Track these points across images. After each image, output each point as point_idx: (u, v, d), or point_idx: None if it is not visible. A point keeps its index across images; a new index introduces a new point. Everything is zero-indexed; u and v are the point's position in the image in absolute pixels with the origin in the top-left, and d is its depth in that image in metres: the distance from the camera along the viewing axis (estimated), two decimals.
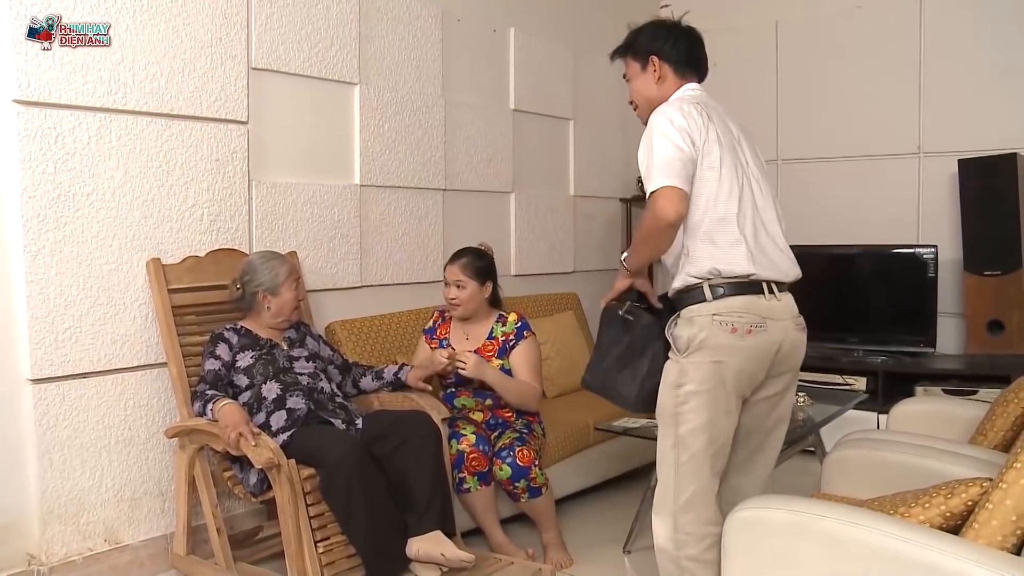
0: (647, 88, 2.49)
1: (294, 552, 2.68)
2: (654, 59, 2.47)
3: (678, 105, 2.34)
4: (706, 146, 2.30)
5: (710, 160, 2.30)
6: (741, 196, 2.33)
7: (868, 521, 2.10)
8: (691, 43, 2.51)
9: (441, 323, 3.54)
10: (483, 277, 3.43)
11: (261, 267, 3.12)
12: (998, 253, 4.20)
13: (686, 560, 2.33)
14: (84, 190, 2.95)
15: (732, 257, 2.30)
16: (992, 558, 1.93)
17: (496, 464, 3.22)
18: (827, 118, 5.12)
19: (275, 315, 3.11)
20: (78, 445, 2.98)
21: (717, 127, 2.35)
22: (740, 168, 2.37)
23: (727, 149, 2.35)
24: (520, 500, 3.26)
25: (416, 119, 4.08)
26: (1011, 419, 2.84)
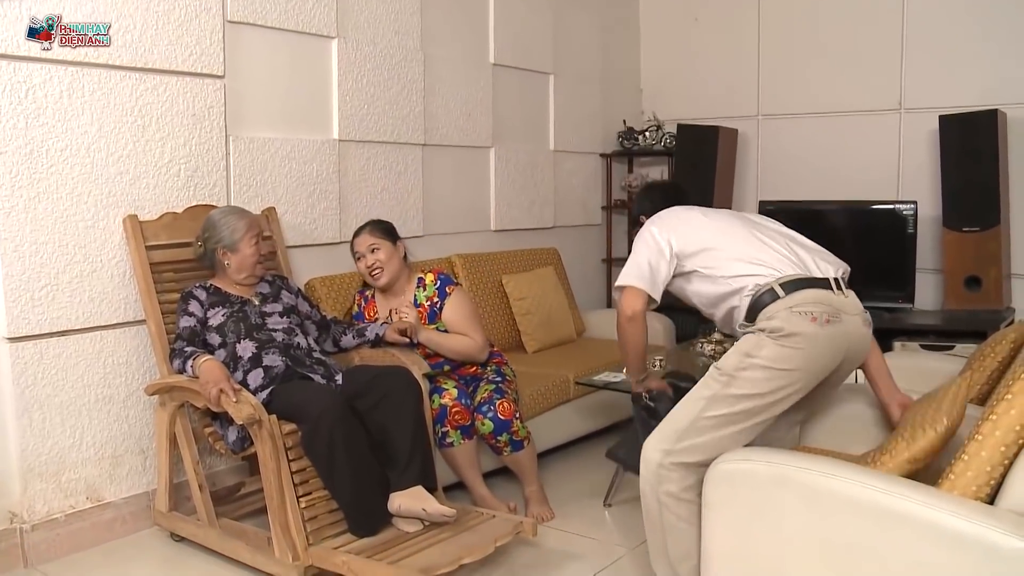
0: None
1: (276, 507, 2.68)
2: (642, 219, 2.84)
3: (658, 217, 2.70)
4: (693, 227, 2.63)
5: (708, 230, 2.61)
6: (759, 233, 2.59)
7: (847, 473, 2.12)
8: (657, 195, 2.96)
9: (365, 304, 3.48)
10: (393, 236, 3.41)
11: (220, 223, 3.07)
12: (977, 209, 4.21)
13: (664, 495, 2.37)
14: (57, 145, 2.90)
15: (772, 269, 2.48)
16: (967, 508, 1.97)
17: (477, 419, 3.23)
18: (808, 74, 5.09)
19: (236, 271, 3.06)
20: (57, 404, 2.96)
21: (702, 212, 2.71)
22: (746, 219, 2.70)
23: (724, 214, 2.73)
24: (503, 454, 3.28)
25: (395, 73, 4.02)
26: (987, 373, 2.87)
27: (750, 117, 5.30)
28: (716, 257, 2.54)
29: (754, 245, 2.54)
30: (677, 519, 2.37)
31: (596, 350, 4.35)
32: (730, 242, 2.56)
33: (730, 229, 2.61)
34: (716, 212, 2.75)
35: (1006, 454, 2.00)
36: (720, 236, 2.59)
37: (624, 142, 5.51)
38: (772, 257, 2.49)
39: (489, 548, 2.66)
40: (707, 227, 2.62)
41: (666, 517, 2.38)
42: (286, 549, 2.66)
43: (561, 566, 2.89)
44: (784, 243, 2.58)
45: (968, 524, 1.93)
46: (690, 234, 2.59)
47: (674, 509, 2.36)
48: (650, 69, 5.75)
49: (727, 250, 2.54)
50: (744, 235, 2.58)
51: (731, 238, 2.57)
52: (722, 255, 2.54)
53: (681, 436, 2.37)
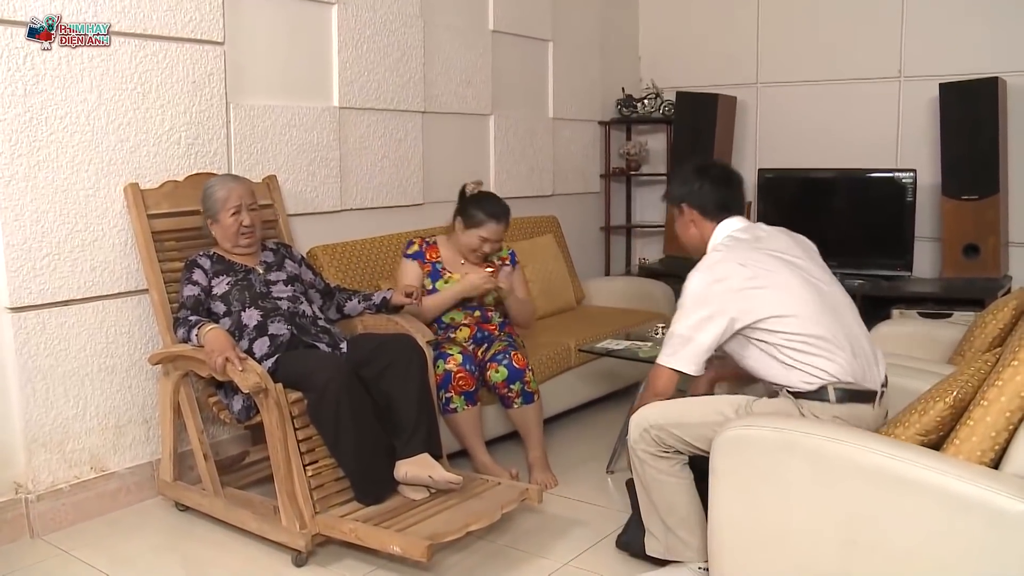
0: (685, 230, 2.63)
1: (283, 476, 2.69)
2: (684, 206, 2.58)
3: (713, 267, 2.41)
4: (760, 290, 2.36)
5: (775, 296, 2.36)
6: (818, 300, 2.39)
7: (853, 438, 2.14)
8: (714, 184, 2.56)
9: (427, 247, 3.51)
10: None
11: (206, 192, 3.05)
12: (977, 178, 4.21)
13: (643, 453, 2.46)
14: (57, 113, 2.87)
15: (836, 365, 2.35)
16: (973, 472, 1.99)
17: (491, 367, 3.27)
18: (807, 42, 5.06)
19: (221, 240, 3.05)
20: (60, 374, 2.95)
21: (766, 263, 2.40)
22: (812, 281, 2.43)
23: (786, 264, 2.42)
24: (513, 406, 3.30)
25: (394, 40, 3.98)
26: (989, 339, 2.89)
27: (749, 85, 5.28)
28: (780, 336, 2.35)
29: (823, 325, 2.35)
30: (657, 472, 2.45)
31: (596, 318, 4.36)
32: (799, 323, 2.33)
33: (800, 297, 2.36)
34: (777, 259, 2.42)
35: (1011, 420, 2.03)
36: (789, 305, 2.35)
37: (623, 110, 5.48)
38: (836, 354, 2.34)
39: (496, 515, 2.68)
40: (773, 289, 2.36)
41: (648, 472, 2.47)
42: (293, 517, 2.67)
43: (566, 532, 2.92)
44: (848, 327, 2.41)
45: (974, 488, 1.95)
46: (756, 303, 2.35)
47: (653, 464, 2.45)
48: (648, 37, 5.70)
49: (794, 331, 2.33)
50: (814, 309, 2.36)
51: (802, 315, 2.34)
52: (786, 336, 2.34)
53: (679, 426, 2.41)
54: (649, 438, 2.43)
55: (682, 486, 2.46)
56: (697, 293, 2.40)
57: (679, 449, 2.43)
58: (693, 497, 2.47)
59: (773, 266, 2.40)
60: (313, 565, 2.69)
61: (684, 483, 2.46)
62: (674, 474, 2.45)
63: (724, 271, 2.39)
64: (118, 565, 2.72)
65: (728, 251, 2.45)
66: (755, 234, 2.52)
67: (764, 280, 2.36)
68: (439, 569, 2.67)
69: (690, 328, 2.38)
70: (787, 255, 2.45)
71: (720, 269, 2.39)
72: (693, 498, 2.47)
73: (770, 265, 2.39)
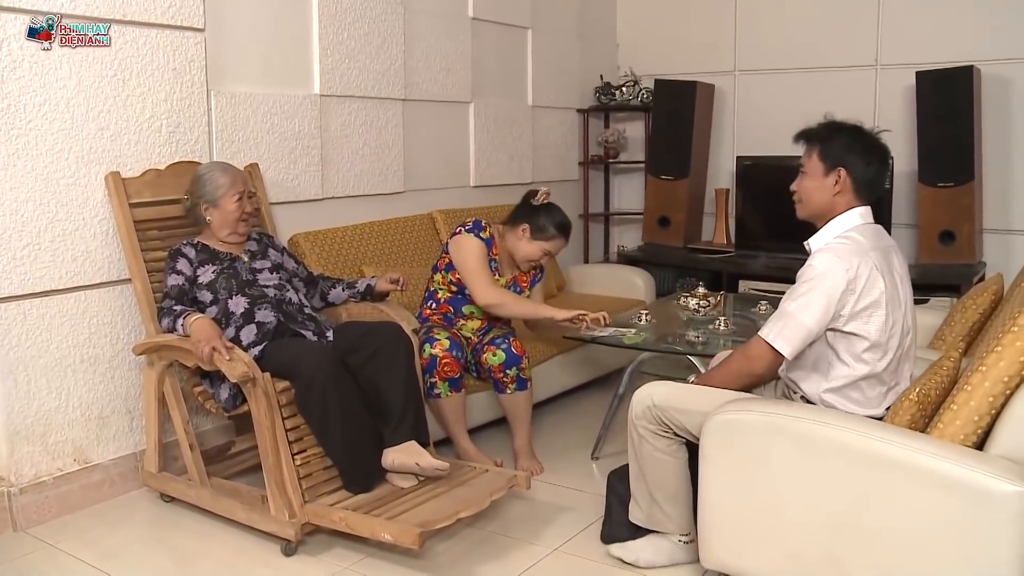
0: (822, 194, 2.40)
1: (272, 465, 2.68)
2: (841, 171, 2.37)
3: (849, 258, 2.26)
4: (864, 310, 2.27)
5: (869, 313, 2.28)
6: (897, 348, 2.33)
7: (841, 422, 2.18)
8: (882, 167, 2.41)
9: (494, 240, 3.46)
10: None
11: (204, 177, 3.02)
12: (952, 165, 4.27)
13: (643, 430, 2.49)
14: (35, 100, 2.82)
15: (873, 409, 2.35)
16: (959, 454, 2.04)
17: (489, 350, 3.29)
18: (785, 30, 5.09)
19: (218, 228, 3.02)
20: (42, 365, 2.92)
21: (892, 286, 2.31)
22: (905, 312, 2.36)
23: (902, 301, 2.34)
24: (506, 391, 3.31)
25: (375, 27, 3.96)
26: (968, 325, 2.95)
27: (727, 73, 5.30)
28: (859, 365, 2.32)
29: (891, 371, 2.34)
30: (654, 449, 2.49)
31: (578, 305, 4.29)
32: (881, 361, 2.30)
33: (896, 337, 2.31)
34: (898, 285, 2.34)
35: (994, 404, 2.07)
36: (886, 342, 2.30)
37: (601, 97, 5.48)
38: (881, 396, 2.36)
39: (485, 502, 2.69)
40: (886, 318, 2.28)
41: (644, 447, 2.50)
42: (282, 507, 2.66)
43: (553, 519, 2.94)
44: (906, 372, 2.40)
45: (960, 469, 1.99)
46: (869, 323, 2.27)
47: (651, 441, 2.49)
48: (626, 24, 5.71)
49: (872, 365, 2.30)
50: (898, 356, 2.33)
51: (888, 355, 2.31)
52: (864, 366, 2.31)
53: (681, 412, 2.43)
54: (651, 416, 2.46)
55: (675, 465, 2.50)
56: (824, 273, 2.26)
57: (677, 432, 2.45)
58: (684, 475, 2.52)
59: (893, 292, 2.31)
60: (302, 554, 2.69)
61: (678, 462, 2.50)
62: (670, 453, 2.49)
63: (859, 270, 2.25)
64: (106, 558, 2.69)
65: (868, 247, 2.30)
66: (883, 243, 2.38)
67: (884, 302, 2.27)
68: (429, 556, 2.67)
69: (811, 322, 2.27)
70: (903, 279, 2.39)
71: (858, 262, 2.25)
72: (684, 476, 2.52)
73: (892, 289, 2.30)
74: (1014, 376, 2.05)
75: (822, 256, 2.29)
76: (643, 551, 2.59)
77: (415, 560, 2.65)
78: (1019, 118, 4.48)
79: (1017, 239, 4.58)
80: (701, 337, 3.35)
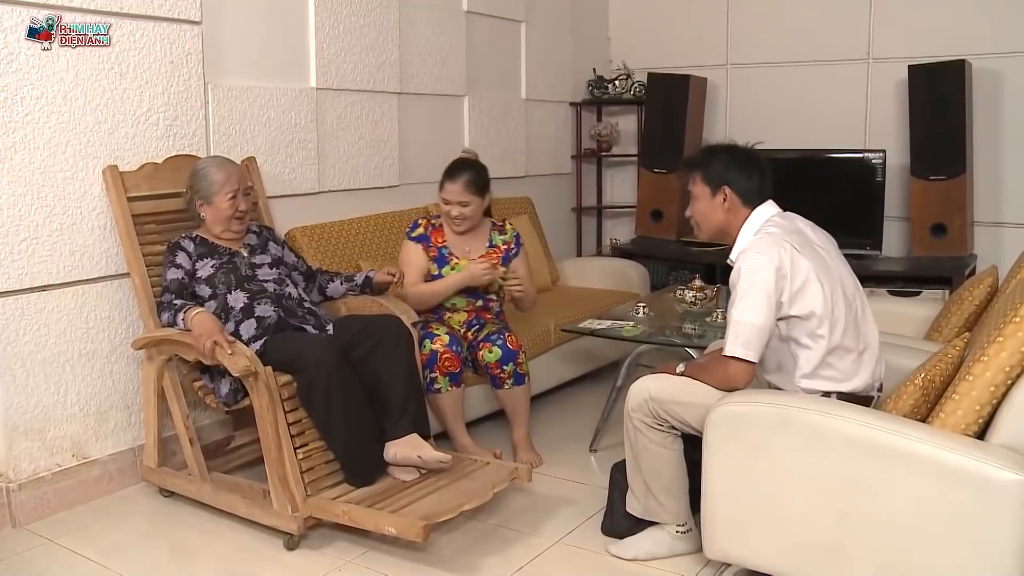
0: (714, 212, 2.52)
1: (274, 460, 2.67)
2: (726, 189, 2.48)
3: (768, 250, 2.34)
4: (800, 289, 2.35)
5: (817, 292, 2.35)
6: (846, 314, 2.39)
7: (846, 413, 2.20)
8: (762, 176, 2.51)
9: (432, 230, 3.46)
10: (485, 190, 3.40)
11: (200, 173, 3.01)
12: (944, 158, 4.29)
13: (639, 423, 2.52)
14: (33, 93, 2.80)
15: (852, 380, 2.41)
16: (962, 444, 2.06)
17: (484, 347, 3.28)
18: (777, 23, 5.11)
19: (212, 225, 3.00)
20: (41, 360, 2.90)
21: (816, 259, 2.38)
22: (840, 279, 2.43)
23: (831, 271, 2.41)
24: (504, 387, 3.31)
25: (371, 20, 3.94)
26: (964, 316, 2.98)
27: (719, 66, 5.32)
28: (815, 340, 2.37)
29: (851, 334, 2.39)
30: (649, 441, 2.52)
31: (573, 298, 4.39)
32: (833, 328, 2.36)
33: (839, 303, 2.37)
34: (823, 258, 2.42)
35: (995, 394, 2.09)
36: (831, 308, 2.35)
37: (594, 91, 5.49)
38: (853, 365, 2.40)
39: (488, 494, 2.70)
40: (821, 288, 2.34)
41: (640, 440, 2.53)
42: (285, 501, 2.66)
43: (555, 511, 2.95)
44: (869, 336, 2.46)
45: (963, 459, 2.02)
46: (806, 298, 2.34)
47: (647, 434, 2.52)
48: (618, 18, 5.72)
49: (826, 335, 2.35)
50: (849, 318, 2.39)
51: (839, 321, 2.36)
52: (818, 339, 2.36)
53: (679, 404, 2.45)
54: (648, 409, 2.48)
55: (670, 456, 2.53)
56: (752, 272, 2.34)
57: (673, 425, 2.48)
58: (679, 466, 2.55)
59: (821, 264, 2.38)
60: (305, 548, 2.69)
61: (673, 454, 2.53)
62: (665, 445, 2.52)
63: (784, 254, 2.33)
64: (107, 553, 2.68)
65: (781, 235, 2.38)
66: (795, 225, 2.48)
67: (816, 276, 2.34)
68: (432, 549, 2.68)
69: (759, 321, 2.32)
70: (827, 252, 2.46)
71: (777, 251, 2.33)
72: (679, 467, 2.55)
73: (819, 263, 2.38)
74: (1015, 366, 2.07)
75: (744, 257, 2.38)
76: (641, 545, 2.61)
77: (418, 553, 2.66)
78: (1009, 111, 4.52)
79: (1007, 231, 4.61)
80: (697, 329, 3.36)
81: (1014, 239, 4.58)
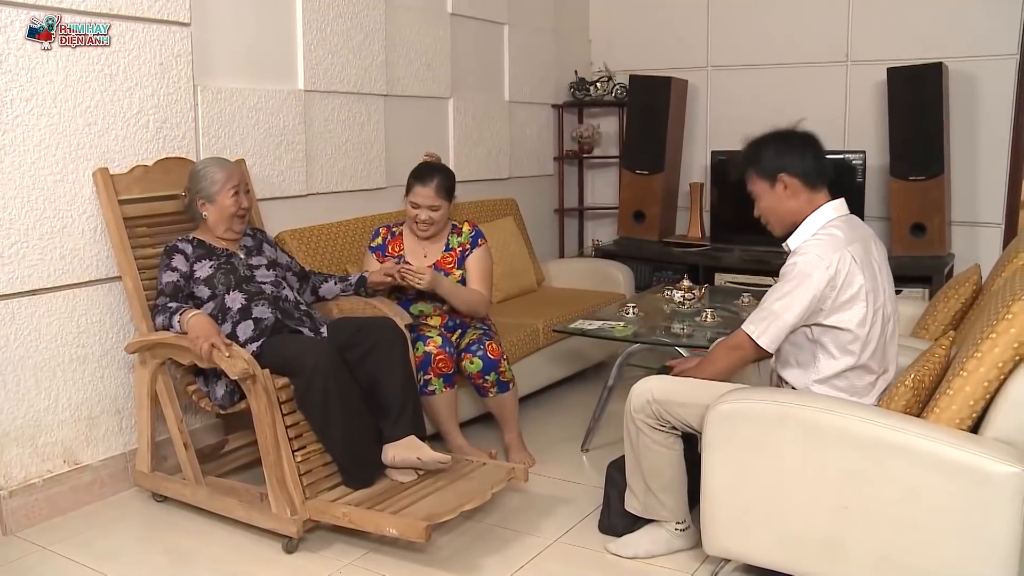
0: (780, 205, 2.46)
1: (272, 462, 2.66)
2: (783, 176, 2.43)
3: (829, 255, 2.32)
4: (845, 303, 2.34)
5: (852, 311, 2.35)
6: (879, 337, 2.40)
7: (845, 409, 2.24)
8: (817, 152, 2.46)
9: (391, 239, 3.45)
10: (452, 195, 3.38)
11: (200, 173, 3.00)
12: (923, 159, 4.37)
13: (641, 423, 2.54)
14: (22, 95, 2.77)
15: (862, 399, 2.42)
16: (958, 438, 2.11)
17: (466, 358, 3.26)
18: (756, 26, 5.17)
19: (215, 225, 2.99)
20: (32, 365, 2.87)
21: (872, 276, 2.37)
22: (885, 301, 2.43)
23: (883, 290, 2.41)
24: (489, 395, 3.31)
25: (357, 22, 3.94)
26: (951, 313, 3.04)
27: (699, 68, 5.37)
28: (843, 356, 2.38)
29: (877, 359, 2.40)
30: (651, 441, 2.54)
31: (558, 299, 4.41)
32: (864, 350, 2.37)
33: (877, 326, 2.38)
34: (878, 275, 2.41)
35: (988, 389, 2.14)
36: (868, 331, 2.36)
37: (576, 93, 5.52)
38: (870, 385, 2.42)
39: (487, 495, 2.71)
40: (867, 308, 2.35)
41: (642, 440, 2.55)
42: (284, 504, 2.65)
43: (552, 510, 2.96)
44: (892, 359, 2.47)
45: (961, 452, 2.06)
46: (849, 313, 2.34)
47: (648, 434, 2.54)
48: (599, 20, 5.75)
49: (857, 354, 2.37)
50: (882, 343, 2.41)
51: (871, 344, 2.38)
52: (848, 359, 2.38)
53: (682, 405, 2.48)
54: (651, 410, 2.51)
55: (671, 456, 2.56)
56: (806, 271, 2.33)
57: (675, 426, 2.51)
58: (679, 465, 2.58)
59: (872, 283, 2.36)
60: (304, 551, 2.69)
61: (674, 454, 2.56)
62: (667, 445, 2.54)
63: (839, 266, 2.32)
64: (102, 559, 2.66)
65: (845, 242, 2.36)
66: (860, 233, 2.45)
67: (864, 295, 2.33)
68: (431, 550, 2.68)
69: (781, 302, 2.35)
70: (880, 267, 2.45)
71: (835, 261, 2.31)
72: (679, 466, 2.58)
73: (872, 281, 2.36)
74: (1008, 361, 2.12)
75: (804, 254, 2.36)
76: (640, 543, 2.63)
77: (418, 554, 2.66)
78: (983, 113, 4.61)
79: (982, 231, 4.71)
80: (686, 329, 3.39)
81: (988, 238, 4.69)
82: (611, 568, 2.59)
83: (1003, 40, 4.51)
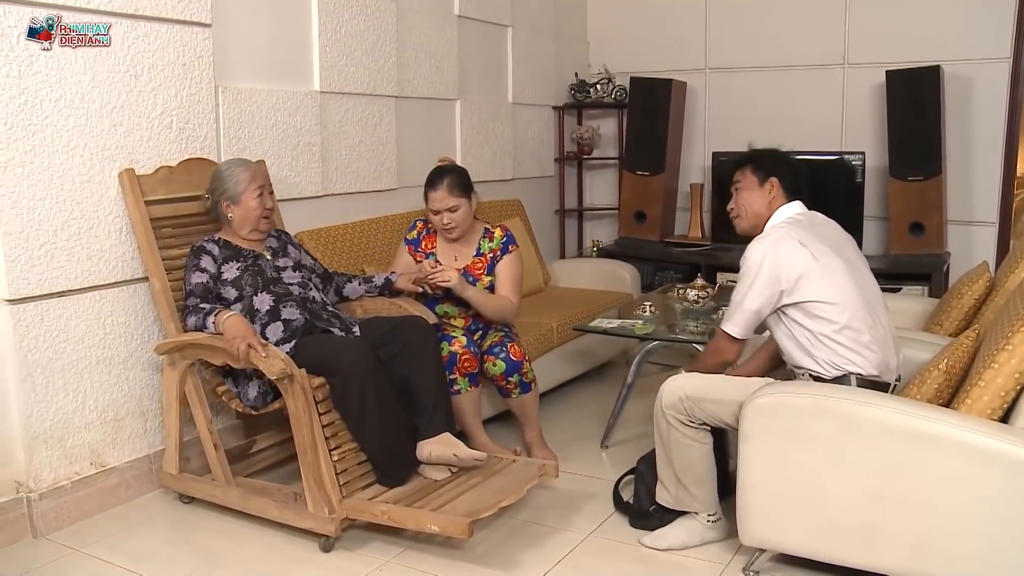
0: (759, 202, 2.70)
1: (310, 462, 2.67)
2: (774, 180, 2.68)
3: (776, 242, 2.53)
4: (801, 277, 2.50)
5: (820, 278, 2.50)
6: (860, 294, 2.53)
7: (882, 401, 2.30)
8: (802, 176, 2.74)
9: (426, 235, 3.49)
10: (469, 191, 3.39)
11: (225, 174, 3.00)
12: (921, 159, 4.47)
13: (672, 419, 2.62)
14: (51, 96, 2.76)
15: (864, 359, 2.51)
16: (992, 428, 2.18)
17: (489, 360, 3.29)
18: (755, 28, 5.24)
19: (239, 225, 2.99)
20: (60, 367, 2.85)
21: (822, 249, 2.54)
22: (857, 275, 2.58)
23: (839, 260, 2.56)
24: (511, 396, 3.34)
25: (370, 24, 3.96)
26: (964, 310, 3.12)
27: (698, 70, 5.44)
28: (820, 323, 2.50)
29: (860, 318, 2.49)
30: (682, 436, 2.62)
31: (567, 298, 4.45)
32: (840, 313, 2.48)
33: (847, 289, 2.51)
34: (831, 247, 2.57)
35: (1019, 380, 2.21)
36: (835, 294, 2.49)
37: (576, 94, 5.56)
38: (867, 348, 2.50)
39: (522, 491, 2.74)
40: (825, 275, 2.50)
41: (673, 435, 2.62)
42: (321, 503, 2.66)
43: (580, 506, 3.00)
44: (881, 323, 2.56)
45: (995, 441, 2.13)
46: (808, 284, 2.49)
47: (680, 430, 2.61)
48: (597, 22, 5.80)
49: (834, 319, 2.48)
50: (857, 303, 2.50)
51: (845, 305, 2.49)
52: (826, 323, 2.49)
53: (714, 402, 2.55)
54: (682, 407, 2.57)
55: (702, 450, 2.62)
56: (756, 262, 2.53)
57: (705, 421, 2.56)
58: (709, 458, 2.65)
59: (827, 254, 2.53)
60: (340, 550, 2.70)
61: (705, 448, 2.63)
62: (698, 440, 2.61)
63: (785, 247, 2.52)
64: (137, 560, 2.66)
65: (790, 228, 2.58)
66: (813, 220, 2.68)
67: (818, 264, 2.50)
68: (468, 547, 2.70)
69: (755, 305, 2.54)
70: (839, 246, 2.61)
71: (782, 245, 2.53)
72: (709, 459, 2.65)
73: (825, 252, 2.53)
74: None
75: (752, 246, 2.58)
76: (675, 535, 2.68)
77: (455, 551, 2.69)
78: (979, 115, 4.72)
79: (976, 230, 4.82)
80: (700, 327, 3.45)
81: (983, 237, 4.80)
82: (647, 561, 2.64)
83: (997, 44, 4.63)
